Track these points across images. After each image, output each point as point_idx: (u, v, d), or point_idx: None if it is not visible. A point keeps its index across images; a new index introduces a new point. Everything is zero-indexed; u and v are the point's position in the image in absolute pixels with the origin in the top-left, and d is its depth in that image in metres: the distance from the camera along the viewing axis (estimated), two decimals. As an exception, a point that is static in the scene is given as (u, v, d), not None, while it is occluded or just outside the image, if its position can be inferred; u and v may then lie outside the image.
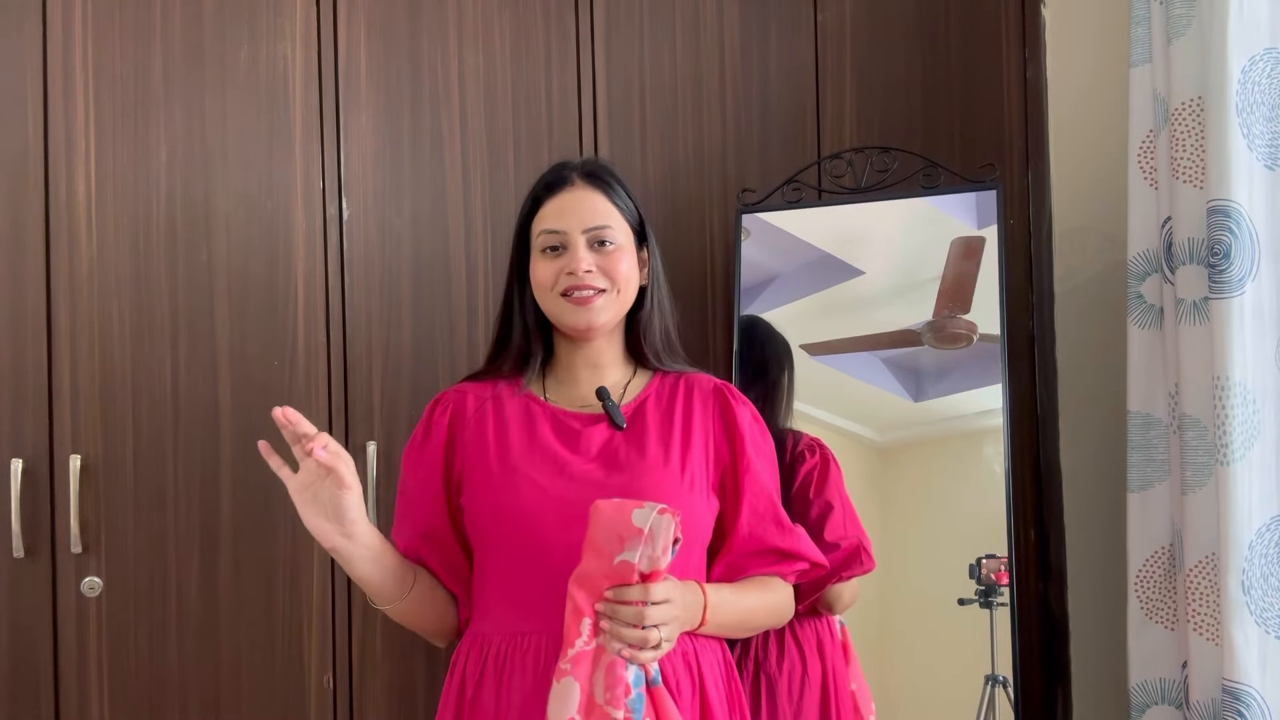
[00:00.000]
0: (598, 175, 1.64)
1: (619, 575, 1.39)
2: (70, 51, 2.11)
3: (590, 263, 1.57)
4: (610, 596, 1.39)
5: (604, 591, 1.40)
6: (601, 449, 1.57)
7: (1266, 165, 1.78)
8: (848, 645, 2.01)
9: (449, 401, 1.63)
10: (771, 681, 1.92)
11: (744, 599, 1.57)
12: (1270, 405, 1.76)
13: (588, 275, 1.56)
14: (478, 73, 2.24)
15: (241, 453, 2.13)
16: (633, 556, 1.37)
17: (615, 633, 1.38)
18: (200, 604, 2.12)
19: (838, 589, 1.93)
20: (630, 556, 1.38)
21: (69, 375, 2.09)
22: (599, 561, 1.39)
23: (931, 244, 2.14)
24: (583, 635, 1.39)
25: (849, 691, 1.99)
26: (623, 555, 1.38)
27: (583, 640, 1.39)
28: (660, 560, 1.38)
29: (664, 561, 1.39)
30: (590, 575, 1.40)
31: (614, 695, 1.37)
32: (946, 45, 2.38)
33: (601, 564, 1.39)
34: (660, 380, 1.65)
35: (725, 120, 2.33)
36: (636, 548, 1.37)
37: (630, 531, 1.37)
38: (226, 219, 2.15)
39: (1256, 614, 1.72)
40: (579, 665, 1.39)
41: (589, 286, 1.56)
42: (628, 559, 1.38)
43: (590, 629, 1.40)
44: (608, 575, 1.39)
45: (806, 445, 2.07)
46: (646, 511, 1.37)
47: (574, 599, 1.40)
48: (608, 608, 1.39)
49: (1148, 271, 1.97)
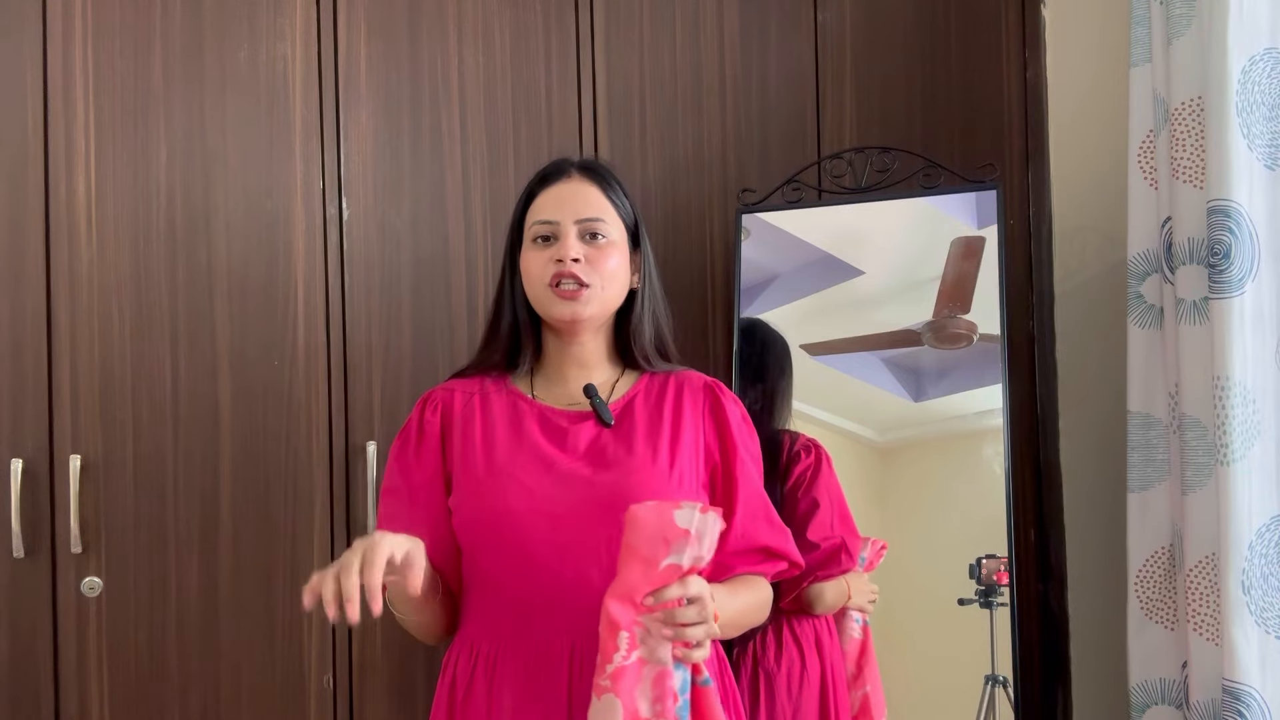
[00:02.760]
0: (595, 170, 1.64)
1: (664, 580, 1.34)
2: (70, 51, 2.11)
3: (579, 252, 1.56)
4: (651, 602, 1.35)
5: (641, 599, 1.35)
6: (589, 447, 1.56)
7: (1266, 165, 1.78)
8: (868, 646, 2.01)
9: (438, 400, 1.62)
10: (770, 678, 1.93)
11: (738, 598, 1.56)
12: (1270, 405, 1.76)
13: (574, 265, 1.55)
14: (478, 73, 2.24)
15: (241, 453, 2.13)
16: (680, 559, 1.33)
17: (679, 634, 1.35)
18: (200, 604, 2.12)
19: (818, 588, 1.93)
20: (678, 559, 1.33)
21: (69, 375, 2.09)
22: (644, 569, 1.34)
23: (931, 244, 2.14)
24: (620, 649, 1.34)
25: (846, 689, 1.99)
26: (669, 559, 1.33)
27: (621, 655, 1.34)
28: (704, 559, 1.35)
29: (706, 559, 1.36)
30: (631, 585, 1.35)
31: (663, 707, 1.34)
32: (946, 45, 2.38)
33: (647, 571, 1.34)
34: (649, 379, 1.65)
35: (725, 120, 2.33)
36: (684, 549, 1.33)
37: (675, 534, 1.33)
38: (226, 219, 2.15)
39: (1256, 614, 1.72)
40: (620, 680, 1.34)
41: (574, 276, 1.55)
42: (675, 562, 1.34)
43: (629, 642, 1.35)
44: (652, 582, 1.34)
45: (803, 445, 2.07)
46: (689, 511, 1.33)
47: (609, 613, 1.35)
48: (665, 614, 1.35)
49: (1148, 271, 1.97)
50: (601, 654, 1.36)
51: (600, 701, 1.34)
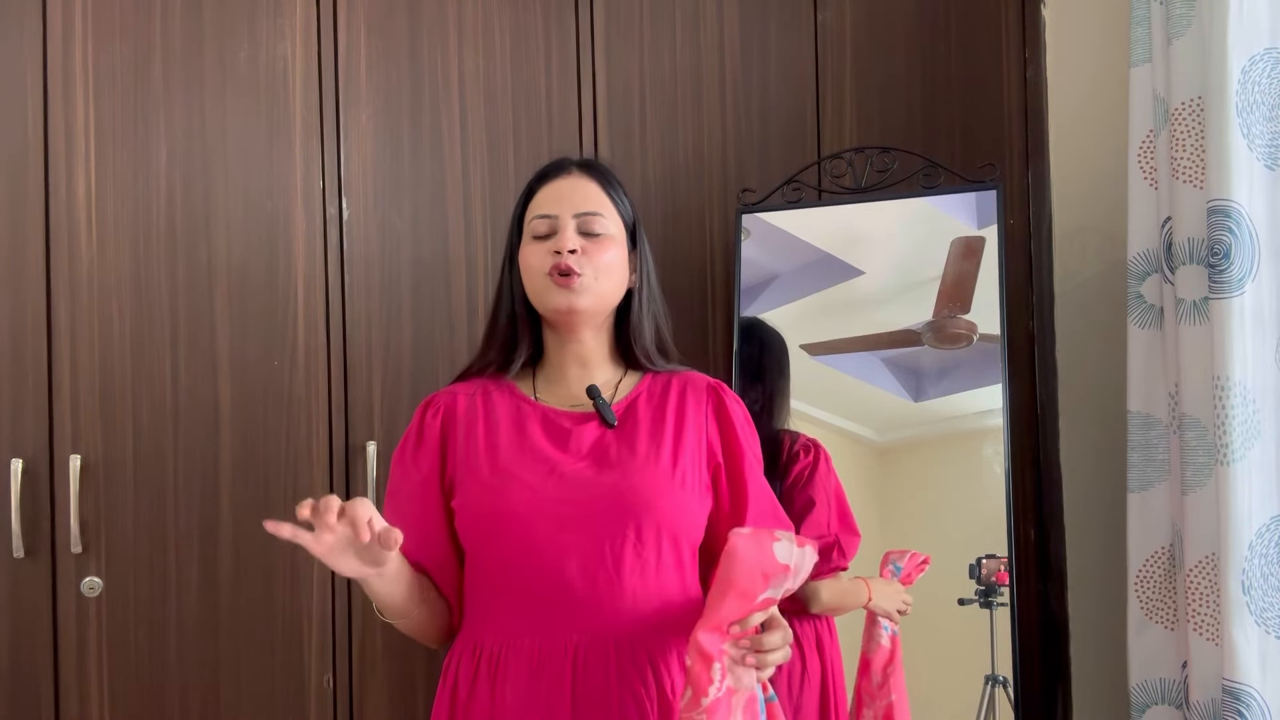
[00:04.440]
0: (595, 168, 1.64)
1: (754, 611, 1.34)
2: (70, 51, 2.11)
3: (576, 244, 1.56)
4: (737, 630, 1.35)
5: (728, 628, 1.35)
6: (592, 447, 1.56)
7: (1266, 165, 1.78)
8: (896, 656, 2.01)
9: (440, 404, 1.62)
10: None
11: None
12: (1270, 405, 1.76)
13: (571, 255, 1.55)
14: (478, 73, 2.24)
15: (241, 453, 2.13)
16: (776, 593, 1.33)
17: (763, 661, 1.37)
18: (200, 604, 2.12)
19: (813, 586, 1.93)
20: (774, 594, 1.33)
21: (69, 375, 2.09)
22: (740, 602, 1.33)
23: (931, 244, 2.14)
24: (715, 681, 1.33)
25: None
26: (766, 593, 1.33)
27: (715, 687, 1.33)
28: (792, 590, 1.35)
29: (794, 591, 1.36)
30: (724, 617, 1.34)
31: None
32: (946, 45, 2.38)
33: (743, 604, 1.34)
34: (651, 379, 1.65)
35: (725, 120, 2.33)
36: (782, 584, 1.33)
37: (776, 569, 1.32)
38: (226, 219, 2.15)
39: (1256, 614, 1.72)
40: (715, 713, 1.33)
41: (570, 267, 1.55)
42: (770, 596, 1.33)
43: (721, 673, 1.34)
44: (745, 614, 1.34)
45: (802, 445, 2.07)
46: (787, 545, 1.32)
47: (701, 645, 1.34)
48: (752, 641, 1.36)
49: (1148, 271, 1.97)
50: (694, 686, 1.34)
51: None
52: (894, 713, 1.99)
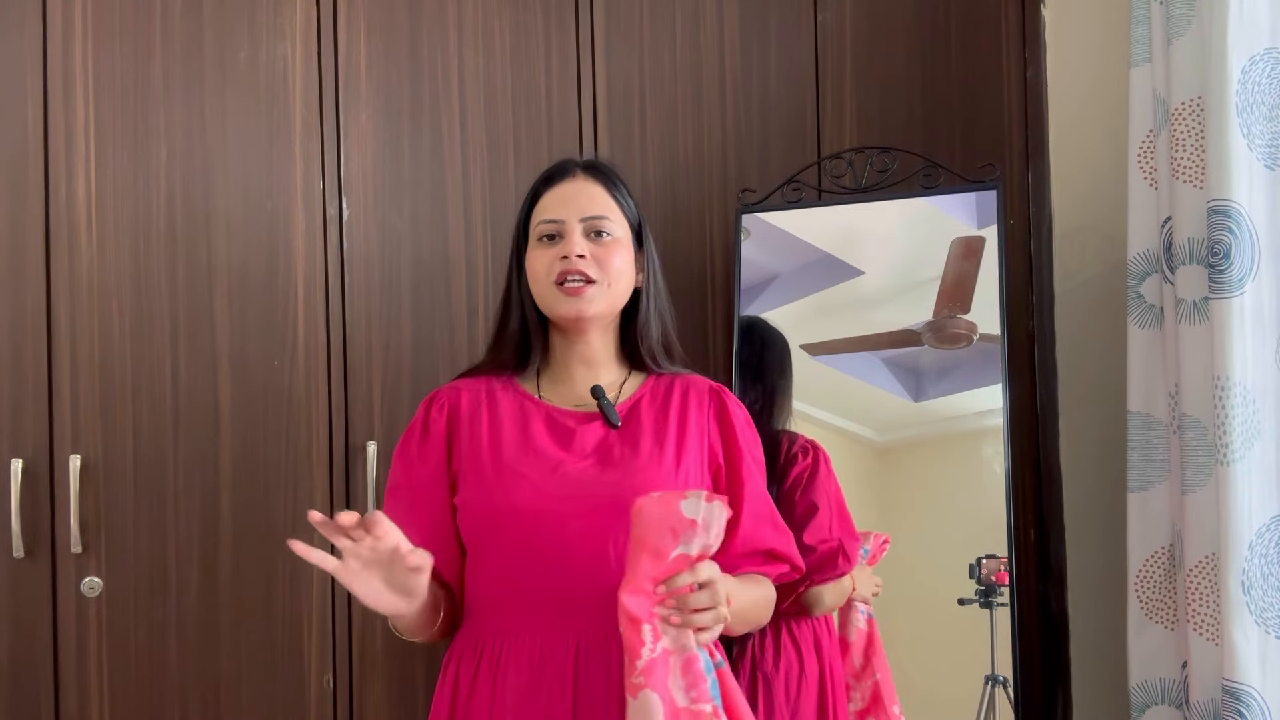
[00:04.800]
0: (599, 169, 1.64)
1: (673, 570, 1.35)
2: (70, 51, 2.11)
3: (584, 249, 1.56)
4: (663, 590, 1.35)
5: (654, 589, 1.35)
6: (596, 447, 1.56)
7: (1266, 165, 1.78)
8: (874, 636, 2.01)
9: (445, 399, 1.63)
10: (768, 680, 1.93)
11: (748, 590, 1.56)
12: (1270, 405, 1.76)
13: (580, 261, 1.55)
14: (478, 73, 2.25)
15: (241, 453, 2.13)
16: (689, 549, 1.34)
17: (689, 621, 1.35)
18: (200, 604, 2.12)
19: (817, 591, 1.93)
20: (686, 549, 1.34)
21: (69, 375, 2.09)
22: (653, 560, 1.34)
23: (931, 244, 2.14)
24: (646, 643, 1.34)
25: (844, 691, 1.99)
26: (678, 550, 1.34)
27: (648, 648, 1.34)
28: (712, 547, 1.36)
29: (714, 547, 1.36)
30: (642, 577, 1.35)
31: (699, 692, 1.34)
32: (946, 45, 2.38)
33: (657, 562, 1.34)
34: (655, 381, 1.65)
35: (725, 120, 2.33)
36: (692, 539, 1.33)
37: (683, 524, 1.33)
38: (226, 219, 2.15)
39: (1256, 614, 1.72)
40: (651, 674, 1.33)
41: (580, 273, 1.55)
42: (684, 552, 1.34)
43: (653, 634, 1.35)
44: (662, 572, 1.35)
45: (801, 447, 2.07)
46: (694, 501, 1.33)
47: (627, 609, 1.35)
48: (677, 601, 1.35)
49: (1148, 271, 1.97)
50: (628, 652, 1.35)
51: (637, 701, 1.33)
52: (881, 691, 1.99)
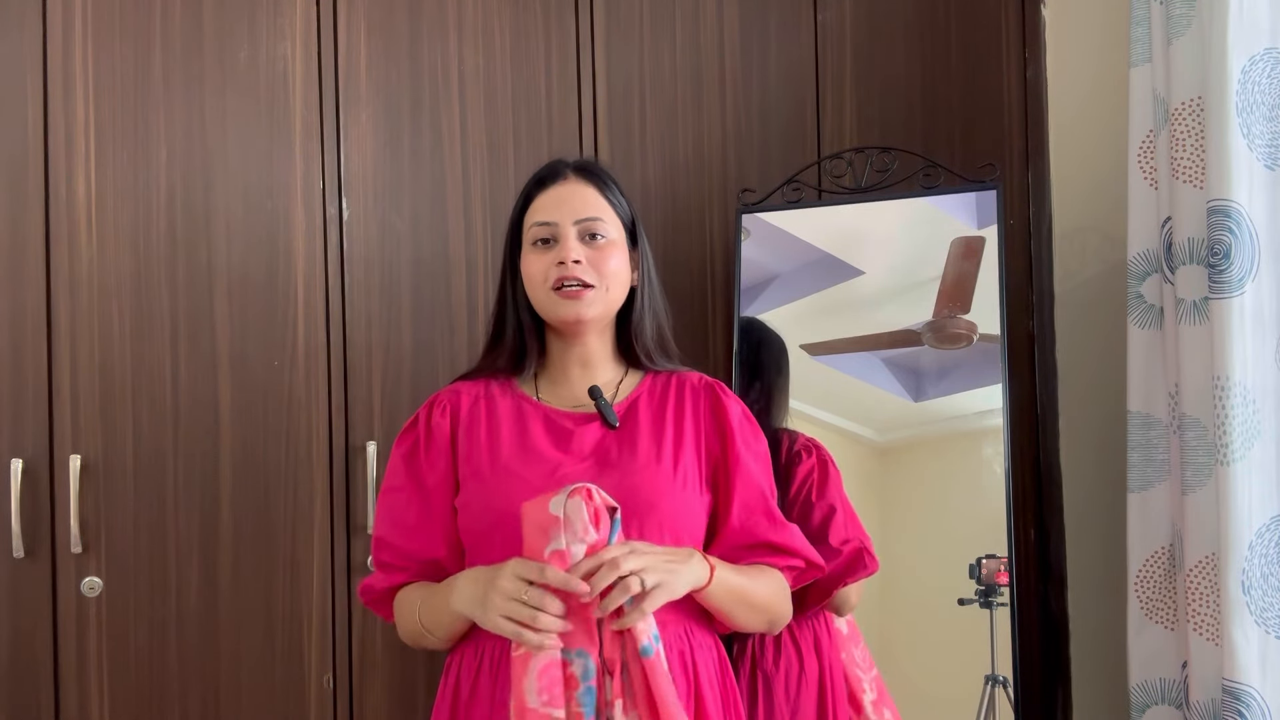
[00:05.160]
0: (591, 171, 1.64)
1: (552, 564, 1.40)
2: (70, 51, 2.11)
3: (580, 253, 1.56)
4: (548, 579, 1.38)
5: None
6: (594, 448, 1.56)
7: (1266, 165, 1.78)
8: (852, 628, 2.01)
9: (445, 402, 1.62)
10: (768, 680, 1.92)
11: (740, 574, 1.56)
12: (1270, 405, 1.76)
13: (576, 266, 1.55)
14: (478, 73, 2.25)
15: (241, 453, 2.13)
16: (559, 544, 1.39)
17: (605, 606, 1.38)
18: (200, 604, 2.12)
19: (844, 593, 1.92)
20: (557, 545, 1.39)
21: (69, 375, 2.09)
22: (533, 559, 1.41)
23: (931, 244, 2.14)
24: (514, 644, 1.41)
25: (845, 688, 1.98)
26: (550, 546, 1.39)
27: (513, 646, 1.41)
28: (588, 538, 1.40)
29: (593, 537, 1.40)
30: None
31: (552, 696, 1.37)
32: (946, 45, 2.38)
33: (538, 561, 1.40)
34: (652, 379, 1.65)
35: (725, 120, 2.33)
36: (559, 535, 1.39)
37: (549, 521, 1.39)
38: (226, 219, 2.15)
39: (1256, 614, 1.72)
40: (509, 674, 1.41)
41: (576, 278, 1.55)
42: (556, 548, 1.39)
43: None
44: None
45: (802, 445, 2.06)
46: (560, 497, 1.40)
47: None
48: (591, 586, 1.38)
49: (1148, 271, 1.97)
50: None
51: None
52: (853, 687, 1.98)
